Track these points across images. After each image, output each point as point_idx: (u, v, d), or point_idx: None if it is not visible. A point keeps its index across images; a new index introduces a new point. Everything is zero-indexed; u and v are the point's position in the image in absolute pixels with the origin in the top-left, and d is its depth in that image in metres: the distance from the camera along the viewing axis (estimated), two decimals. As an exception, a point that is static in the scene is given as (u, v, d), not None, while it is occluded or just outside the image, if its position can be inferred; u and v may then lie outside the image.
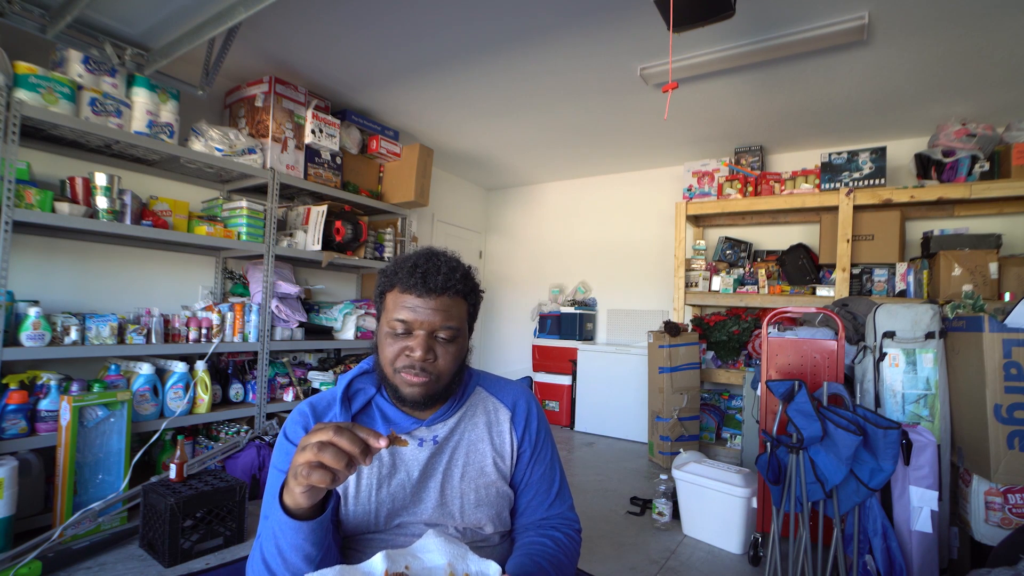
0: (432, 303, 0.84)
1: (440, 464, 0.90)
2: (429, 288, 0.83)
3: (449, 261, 0.88)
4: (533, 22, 2.41)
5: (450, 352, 0.87)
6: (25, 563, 1.74)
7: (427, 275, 0.84)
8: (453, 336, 0.86)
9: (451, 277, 0.85)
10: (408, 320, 0.84)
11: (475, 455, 0.93)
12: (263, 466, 2.53)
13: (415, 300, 0.84)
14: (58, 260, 2.47)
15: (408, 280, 0.84)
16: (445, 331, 0.85)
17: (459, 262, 0.91)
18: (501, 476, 0.93)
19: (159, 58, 2.14)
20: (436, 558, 0.71)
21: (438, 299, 0.84)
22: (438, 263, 0.86)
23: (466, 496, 0.89)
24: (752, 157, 3.87)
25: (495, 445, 0.94)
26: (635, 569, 2.08)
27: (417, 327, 0.84)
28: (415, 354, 0.83)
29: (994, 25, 2.28)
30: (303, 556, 0.69)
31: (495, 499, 0.92)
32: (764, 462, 1.92)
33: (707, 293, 3.83)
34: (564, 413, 4.57)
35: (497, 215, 5.67)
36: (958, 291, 2.92)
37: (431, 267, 0.85)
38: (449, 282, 0.85)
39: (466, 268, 0.91)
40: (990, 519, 1.78)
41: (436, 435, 0.91)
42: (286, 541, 0.69)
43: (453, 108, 3.47)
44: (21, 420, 2.01)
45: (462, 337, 0.89)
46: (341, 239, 3.21)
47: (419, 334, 0.84)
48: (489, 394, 1.00)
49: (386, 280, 0.89)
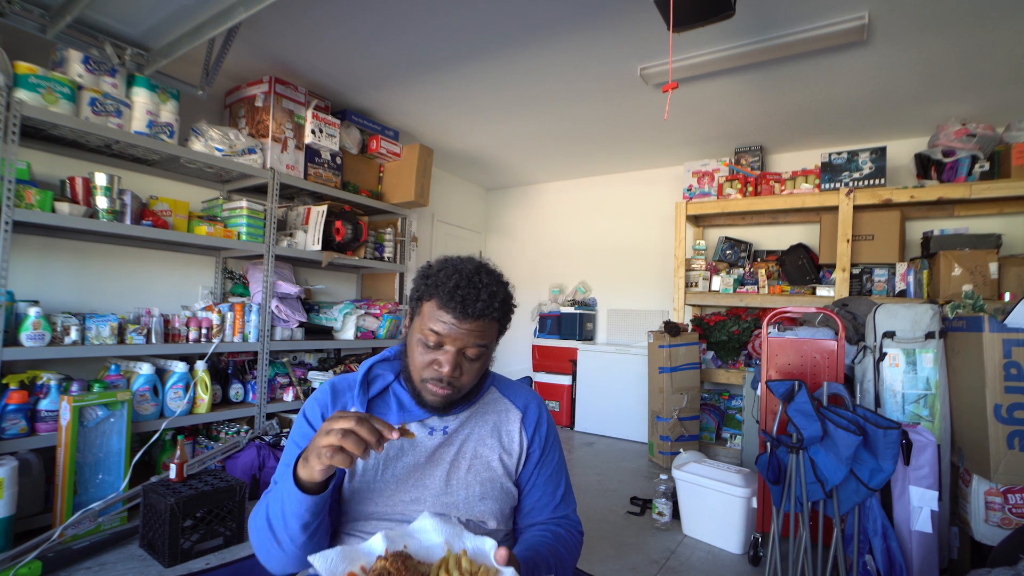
0: (467, 326, 0.86)
1: (448, 455, 0.94)
2: (467, 314, 0.85)
3: (489, 286, 0.88)
4: (533, 22, 2.41)
5: (475, 368, 0.91)
6: (25, 563, 1.74)
7: (466, 301, 0.85)
8: (480, 354, 0.90)
9: (490, 305, 0.87)
10: (441, 334, 0.86)
11: (483, 449, 0.96)
12: (263, 466, 2.53)
13: (451, 319, 0.86)
14: (58, 260, 2.47)
15: (449, 302, 0.85)
16: (474, 349, 0.88)
17: (501, 287, 0.91)
18: (507, 473, 0.96)
19: (159, 58, 2.14)
20: (433, 537, 0.74)
21: (474, 323, 0.86)
22: (478, 288, 0.86)
23: (471, 488, 0.92)
24: (752, 157, 3.87)
25: (503, 442, 0.98)
26: (635, 569, 2.08)
27: (449, 343, 0.87)
28: (443, 369, 0.87)
29: (994, 25, 2.28)
30: (301, 523, 0.78)
31: (499, 494, 0.95)
32: (764, 462, 1.92)
33: (707, 293, 3.83)
34: (564, 413, 4.57)
35: (497, 215, 5.67)
36: (958, 291, 2.92)
37: (471, 293, 0.85)
38: (487, 310, 0.86)
39: (505, 294, 0.91)
40: (990, 519, 1.78)
41: (447, 426, 0.96)
42: (291, 508, 0.78)
43: (453, 108, 3.47)
44: (21, 420, 2.01)
45: (488, 353, 0.93)
46: (341, 239, 3.21)
47: (449, 350, 0.87)
48: (501, 395, 1.04)
49: (425, 289, 0.90)
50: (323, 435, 0.72)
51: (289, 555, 0.81)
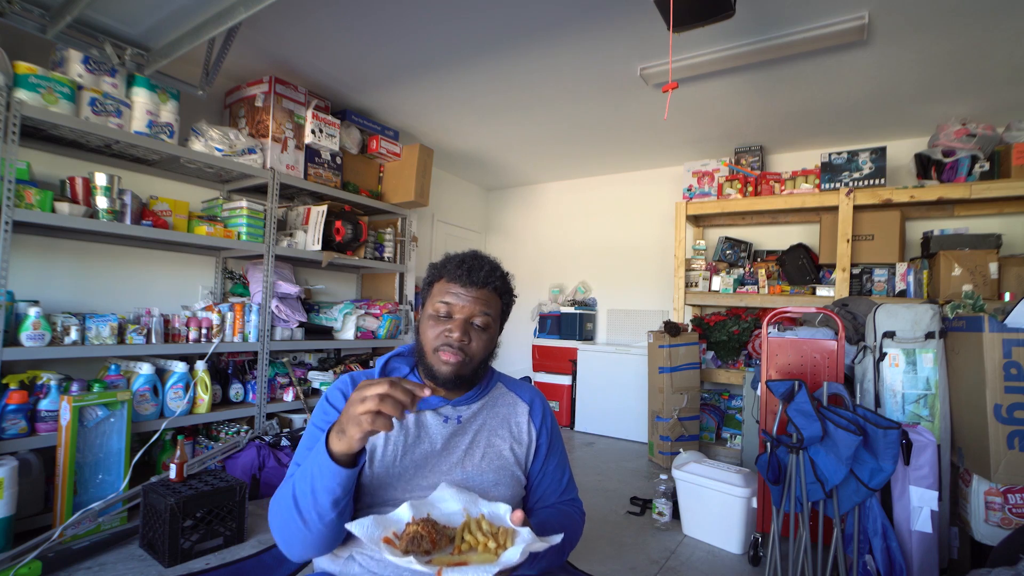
0: (473, 293, 0.97)
1: (462, 443, 0.99)
2: (472, 280, 0.96)
3: (492, 263, 1.02)
4: (533, 22, 2.41)
5: (482, 339, 0.98)
6: (25, 563, 1.73)
7: (472, 270, 0.97)
8: (487, 324, 0.98)
9: (492, 275, 0.99)
10: (451, 304, 0.96)
11: (495, 439, 1.02)
12: (263, 466, 2.53)
13: (459, 288, 0.97)
14: (58, 260, 2.47)
15: (455, 272, 0.98)
16: (481, 318, 0.97)
17: (500, 266, 1.04)
18: (517, 462, 1.02)
19: (159, 58, 2.14)
20: (452, 505, 0.83)
21: (479, 291, 0.97)
22: (482, 262, 1.00)
23: (485, 475, 0.97)
24: (752, 157, 3.87)
25: (513, 433, 1.04)
26: (635, 569, 2.08)
27: (457, 312, 0.96)
28: (453, 335, 0.95)
29: (994, 25, 2.28)
30: (332, 499, 0.80)
31: (511, 481, 1.00)
32: (764, 462, 1.92)
33: (707, 293, 3.83)
34: (564, 413, 4.57)
35: (497, 215, 5.67)
36: (958, 291, 2.92)
37: (476, 264, 0.99)
38: (490, 278, 0.98)
39: (504, 272, 1.04)
40: (990, 519, 1.78)
41: (460, 415, 1.01)
42: (322, 483, 0.79)
43: (453, 108, 3.47)
44: (21, 420, 2.01)
45: (493, 328, 1.01)
46: (341, 239, 3.21)
47: (458, 318, 0.96)
48: (508, 390, 1.11)
49: (435, 272, 1.03)
50: (358, 403, 0.74)
51: (314, 534, 0.82)
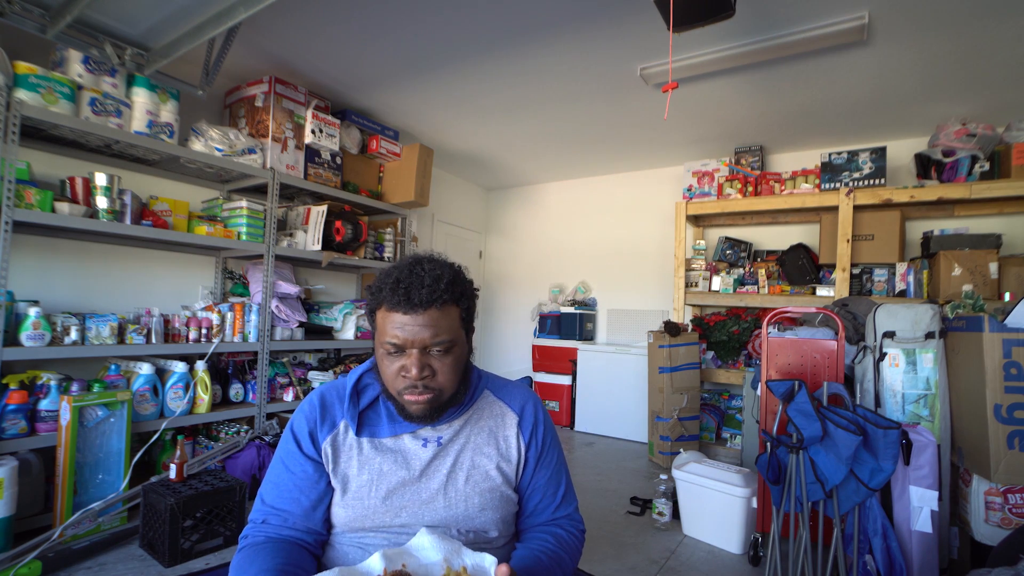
0: (420, 319, 0.82)
1: (444, 466, 0.90)
2: (414, 304, 0.81)
3: (433, 270, 0.85)
4: (533, 22, 2.41)
5: (447, 364, 0.85)
6: (25, 563, 1.74)
7: (410, 290, 0.82)
8: (448, 347, 0.85)
9: (435, 288, 0.82)
10: (400, 338, 0.82)
11: (480, 459, 0.92)
12: (263, 466, 2.53)
13: (403, 318, 0.82)
14: (58, 260, 2.47)
15: (392, 298, 0.82)
16: (438, 345, 0.83)
17: (445, 268, 0.88)
18: (506, 481, 0.93)
19: (159, 58, 2.14)
20: (431, 554, 0.73)
21: (425, 313, 0.82)
22: (421, 275, 0.83)
23: (470, 500, 0.89)
24: (752, 157, 3.87)
25: (500, 450, 0.94)
26: (635, 569, 2.08)
27: (409, 345, 0.82)
28: (411, 373, 0.82)
29: (994, 25, 2.28)
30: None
31: (499, 503, 0.92)
32: (764, 462, 1.92)
33: (707, 293, 3.83)
34: (564, 413, 4.57)
35: (497, 215, 5.67)
36: (958, 291, 2.92)
37: (414, 281, 0.82)
38: (434, 294, 0.82)
39: (452, 274, 0.87)
40: (990, 519, 1.78)
41: (440, 436, 0.92)
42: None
43: (453, 108, 3.47)
44: (21, 420, 2.01)
45: (458, 346, 0.87)
46: (341, 239, 3.21)
47: (412, 352, 0.83)
48: (496, 398, 0.99)
49: (372, 298, 0.87)
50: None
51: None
